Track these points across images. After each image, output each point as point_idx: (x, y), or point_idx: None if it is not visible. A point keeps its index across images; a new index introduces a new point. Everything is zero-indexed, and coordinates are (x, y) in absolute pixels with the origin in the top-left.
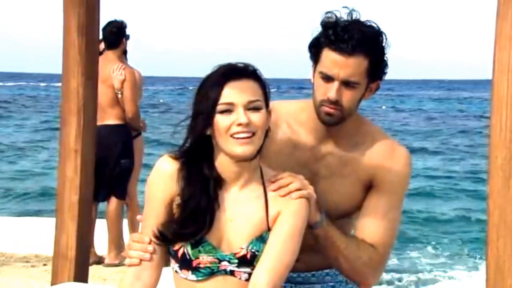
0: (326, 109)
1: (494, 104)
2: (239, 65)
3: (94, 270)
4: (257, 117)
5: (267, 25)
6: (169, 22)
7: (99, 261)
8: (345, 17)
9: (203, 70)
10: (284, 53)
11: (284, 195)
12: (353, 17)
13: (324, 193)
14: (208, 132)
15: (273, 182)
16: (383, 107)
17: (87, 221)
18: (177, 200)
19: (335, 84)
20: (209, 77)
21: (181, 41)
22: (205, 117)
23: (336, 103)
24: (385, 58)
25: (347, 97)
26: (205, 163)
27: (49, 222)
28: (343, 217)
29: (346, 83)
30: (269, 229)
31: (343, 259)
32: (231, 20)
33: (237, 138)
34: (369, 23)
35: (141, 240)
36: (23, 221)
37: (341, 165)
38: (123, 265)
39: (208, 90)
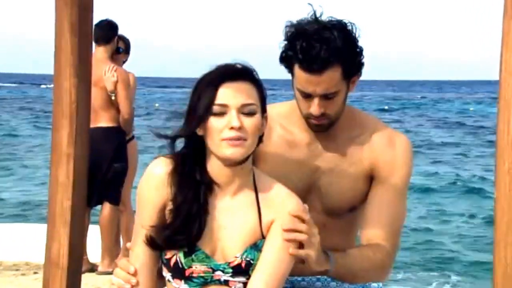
0: (313, 121)
1: (501, 107)
2: (237, 65)
3: (87, 279)
4: (250, 122)
5: (263, 23)
6: (167, 21)
7: (92, 269)
8: (307, 22)
9: (197, 70)
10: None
11: (288, 240)
12: (317, 17)
13: (327, 188)
14: (200, 132)
15: (293, 215)
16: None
17: (80, 227)
18: (170, 205)
19: (315, 100)
20: (205, 76)
21: (179, 41)
22: (198, 117)
23: (321, 115)
24: (358, 50)
25: (331, 106)
26: (197, 167)
27: (40, 229)
28: (349, 211)
29: (325, 96)
30: (263, 237)
31: (361, 277)
32: (228, 20)
33: (228, 140)
34: (332, 24)
35: (126, 269)
36: (13, 228)
37: (340, 159)
38: None
39: (203, 90)
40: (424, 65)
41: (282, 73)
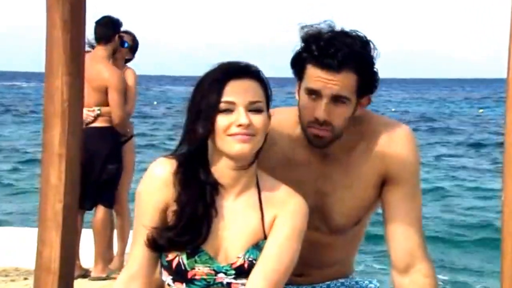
0: (315, 131)
1: (508, 105)
2: (241, 64)
3: (79, 284)
4: (258, 119)
5: (264, 22)
6: (167, 19)
7: (85, 274)
8: (326, 28)
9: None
10: (281, 48)
11: None
12: (335, 28)
13: (332, 208)
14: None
15: None
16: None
17: (72, 231)
18: (173, 206)
19: (323, 101)
20: (208, 75)
21: (179, 39)
22: (206, 117)
23: (325, 123)
24: (375, 70)
25: (337, 114)
26: (200, 167)
27: (30, 232)
28: (355, 225)
29: (335, 99)
30: (265, 237)
31: None
32: (228, 19)
33: (235, 135)
34: (354, 33)
35: None
36: (2, 231)
37: (344, 176)
38: (111, 278)
39: (208, 89)
40: (425, 64)
41: (280, 71)
